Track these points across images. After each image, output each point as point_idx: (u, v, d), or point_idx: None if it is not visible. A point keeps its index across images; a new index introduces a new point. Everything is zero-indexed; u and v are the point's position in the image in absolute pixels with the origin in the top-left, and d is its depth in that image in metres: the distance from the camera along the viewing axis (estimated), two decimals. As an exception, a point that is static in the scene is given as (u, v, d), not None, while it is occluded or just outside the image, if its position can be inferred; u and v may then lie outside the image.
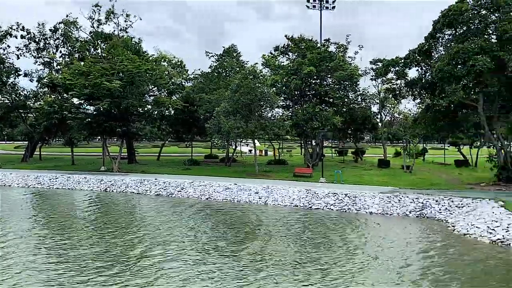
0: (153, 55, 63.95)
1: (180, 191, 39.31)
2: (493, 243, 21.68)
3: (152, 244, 21.40)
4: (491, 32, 36.41)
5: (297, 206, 33.10)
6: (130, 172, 51.44)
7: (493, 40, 35.83)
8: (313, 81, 54.89)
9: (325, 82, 55.43)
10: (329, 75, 54.49)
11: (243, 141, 69.24)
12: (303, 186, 37.30)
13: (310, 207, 32.51)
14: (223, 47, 71.40)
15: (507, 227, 22.61)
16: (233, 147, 65.70)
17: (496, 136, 40.66)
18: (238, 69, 62.27)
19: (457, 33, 38.43)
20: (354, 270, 17.37)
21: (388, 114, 68.24)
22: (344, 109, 57.55)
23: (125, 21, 66.53)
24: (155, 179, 43.35)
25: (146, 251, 20.10)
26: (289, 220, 27.98)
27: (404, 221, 28.13)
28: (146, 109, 57.70)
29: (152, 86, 58.79)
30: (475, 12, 36.56)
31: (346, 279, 16.30)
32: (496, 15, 36.12)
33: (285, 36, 60.28)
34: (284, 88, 53.64)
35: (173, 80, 65.29)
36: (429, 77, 41.20)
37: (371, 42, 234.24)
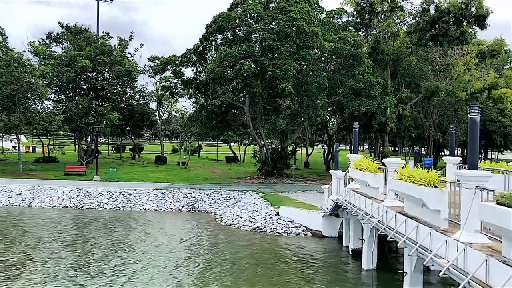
0: None
1: None
2: (253, 230, 24.08)
3: None
4: (255, 40, 40.36)
5: (67, 206, 30.80)
6: None
7: (256, 47, 39.75)
8: (89, 75, 51.98)
9: (102, 77, 53.13)
10: (107, 70, 52.45)
11: (6, 136, 61.14)
12: (75, 185, 34.95)
13: (82, 207, 30.66)
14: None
15: (265, 216, 25.40)
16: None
17: (259, 134, 45.31)
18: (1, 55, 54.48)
19: (227, 38, 41.46)
20: (135, 268, 17.02)
21: (166, 112, 69.39)
22: (122, 105, 56.21)
23: None
24: None
25: None
26: (57, 222, 25.85)
27: (178, 215, 28.98)
28: None
29: None
30: (242, 20, 40.04)
31: (124, 278, 15.83)
32: (259, 25, 40.26)
33: (59, 23, 55.45)
34: (56, 80, 49.33)
35: None
36: (203, 77, 43.40)
37: (155, 40, 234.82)
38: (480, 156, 75.92)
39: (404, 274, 12.52)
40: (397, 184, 12.67)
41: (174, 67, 44.57)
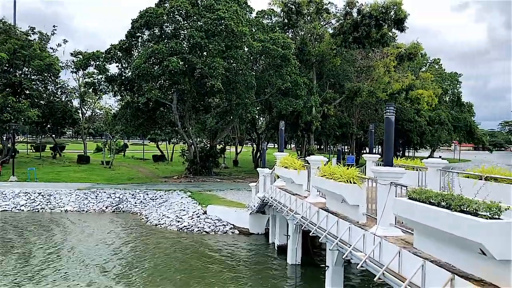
0: None
1: None
2: (180, 230, 23.76)
3: None
4: (183, 37, 39.82)
5: (-23, 210, 28.64)
6: None
7: (184, 44, 39.23)
8: (6, 69, 48.56)
9: (20, 72, 49.89)
10: (25, 64, 49.29)
11: None
12: (-13, 186, 32.57)
13: (-5, 210, 28.65)
14: None
15: (192, 215, 25.15)
16: None
17: (187, 133, 44.78)
18: None
19: (154, 34, 40.54)
20: (53, 273, 16.08)
21: (89, 109, 66.51)
22: (42, 102, 53.14)
23: None
24: None
25: None
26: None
27: (101, 216, 27.90)
28: None
29: None
30: (170, 17, 39.34)
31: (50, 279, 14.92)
32: (188, 22, 39.78)
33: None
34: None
35: None
36: (129, 74, 42.11)
37: (82, 34, 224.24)
38: (399, 153, 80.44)
39: (326, 268, 12.90)
40: (319, 181, 13.05)
41: (97, 63, 42.86)
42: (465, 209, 6.49)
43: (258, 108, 49.34)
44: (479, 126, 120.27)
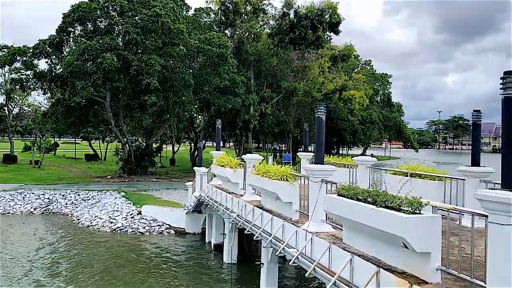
0: None
1: None
2: (114, 231, 23.07)
3: None
4: (117, 32, 38.61)
5: None
6: None
7: (119, 40, 38.08)
8: None
9: None
10: None
11: None
12: None
13: None
14: None
15: (126, 216, 24.50)
16: None
17: (122, 131, 43.55)
18: None
19: (87, 29, 39.03)
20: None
21: (16, 106, 62.82)
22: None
23: None
24: None
25: None
26: None
27: (29, 218, 26.53)
28: None
29: None
30: (104, 11, 38.01)
31: None
32: (123, 17, 38.64)
33: None
34: None
35: None
36: (60, 70, 40.22)
37: (15, 28, 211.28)
38: (333, 151, 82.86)
39: (261, 265, 13.04)
40: (254, 179, 13.15)
41: (24, 58, 40.60)
42: (389, 205, 6.78)
43: (196, 106, 48.95)
44: (408, 125, 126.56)
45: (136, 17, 37.38)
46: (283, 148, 72.48)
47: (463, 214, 6.32)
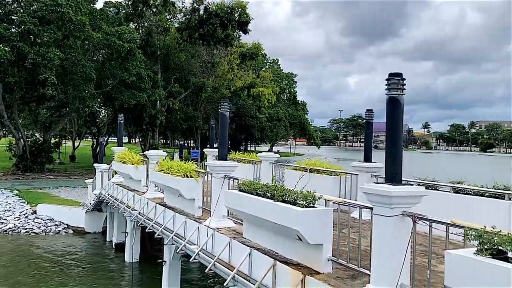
0: None
1: None
2: (4, 232, 21.35)
3: None
4: (13, 21, 35.60)
5: None
6: None
7: (14, 30, 35.17)
8: None
9: None
10: None
11: None
12: None
13: None
14: None
15: (19, 216, 22.81)
16: None
17: (16, 125, 40.38)
18: None
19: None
20: None
21: None
22: None
23: None
24: None
25: None
26: None
27: None
28: None
29: None
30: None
31: None
32: (19, 5, 35.77)
33: None
34: None
35: None
36: None
37: None
38: (242, 148, 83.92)
39: (164, 263, 12.82)
40: (157, 176, 12.88)
41: None
42: (286, 199, 6.99)
43: (98, 100, 46.78)
44: (313, 123, 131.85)
45: (34, 6, 34.73)
46: (192, 145, 71.96)
47: (354, 207, 6.71)
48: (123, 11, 49.67)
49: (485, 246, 4.13)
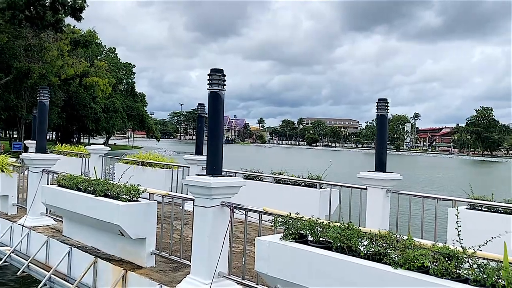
0: None
1: None
2: None
3: None
4: None
5: None
6: None
7: None
8: None
9: None
10: None
11: None
12: None
13: None
14: None
15: None
16: None
17: None
18: None
19: None
20: None
21: None
22: None
23: None
24: None
25: None
26: None
27: None
28: None
29: None
30: None
31: None
32: None
33: None
34: None
35: None
36: None
37: None
38: (74, 140, 78.62)
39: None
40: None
41: None
42: (109, 194, 6.72)
43: None
44: (153, 116, 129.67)
45: None
46: (16, 136, 64.95)
47: (185, 201, 6.75)
48: None
49: (289, 232, 4.50)
